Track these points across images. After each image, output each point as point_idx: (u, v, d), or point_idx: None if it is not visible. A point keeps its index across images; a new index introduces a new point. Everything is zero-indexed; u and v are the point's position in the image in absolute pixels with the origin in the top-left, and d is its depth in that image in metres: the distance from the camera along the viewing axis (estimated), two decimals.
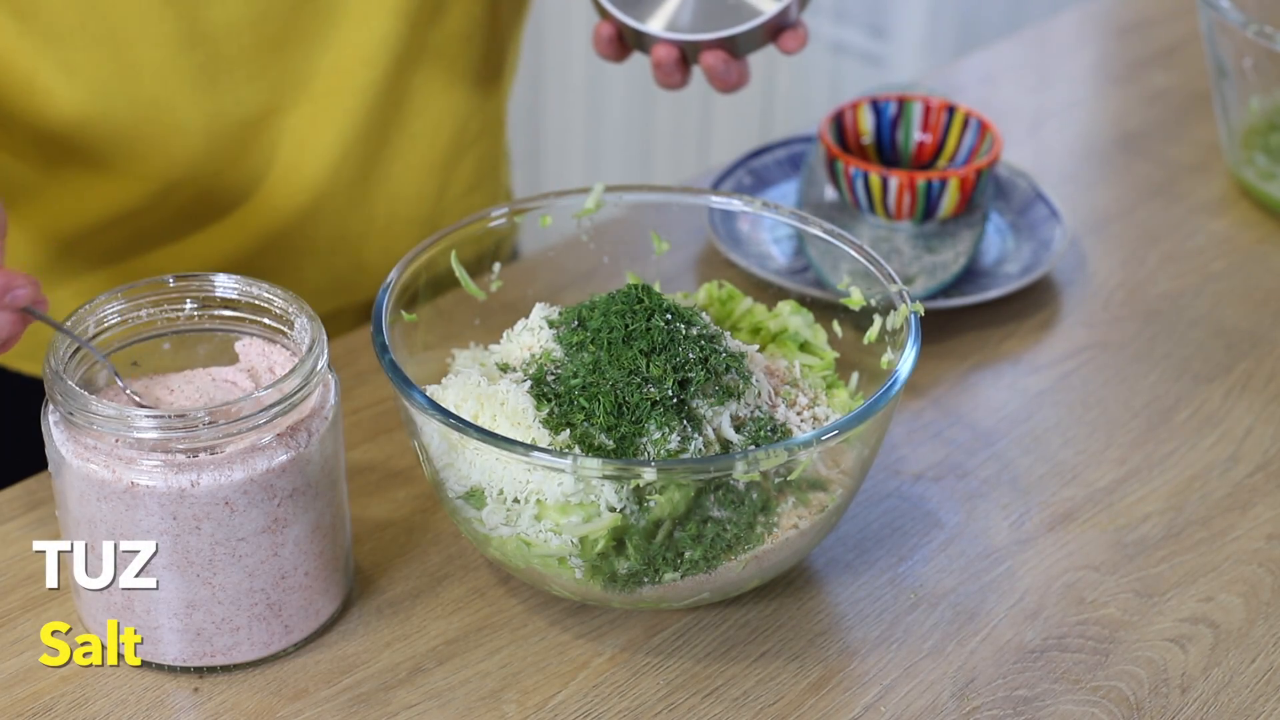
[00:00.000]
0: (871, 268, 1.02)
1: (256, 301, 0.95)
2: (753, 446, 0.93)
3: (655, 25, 1.09)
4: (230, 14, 1.10)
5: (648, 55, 1.12)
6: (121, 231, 1.17)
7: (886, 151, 1.32)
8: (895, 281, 1.00)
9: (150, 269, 1.19)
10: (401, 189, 1.23)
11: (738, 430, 0.94)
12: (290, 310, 0.94)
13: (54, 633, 0.95)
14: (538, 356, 0.96)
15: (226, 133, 1.14)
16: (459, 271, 1.03)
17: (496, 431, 0.91)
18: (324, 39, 1.14)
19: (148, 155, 1.13)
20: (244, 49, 1.12)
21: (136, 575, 0.90)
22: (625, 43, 1.13)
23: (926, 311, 1.20)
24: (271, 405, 0.88)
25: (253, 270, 1.20)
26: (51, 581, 0.98)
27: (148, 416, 0.87)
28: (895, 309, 1.00)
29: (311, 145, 1.17)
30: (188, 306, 0.95)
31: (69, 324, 0.92)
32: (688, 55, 1.11)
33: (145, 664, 0.94)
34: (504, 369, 0.98)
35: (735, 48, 1.10)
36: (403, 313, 1.00)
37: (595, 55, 1.15)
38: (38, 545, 1.00)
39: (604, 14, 1.11)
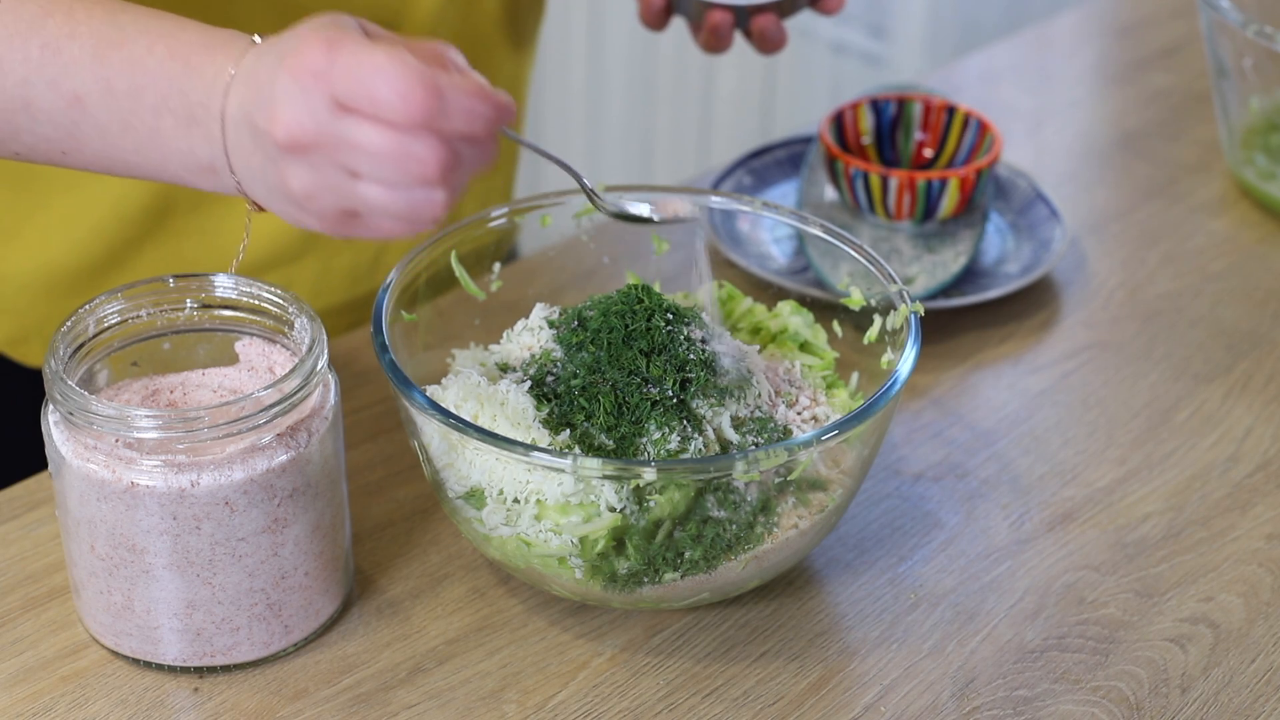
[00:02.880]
0: (871, 268, 1.02)
1: (256, 301, 0.95)
2: (753, 446, 0.93)
3: None
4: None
5: (691, 22, 1.18)
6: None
7: (886, 151, 1.32)
8: (895, 281, 1.00)
9: (203, 244, 1.17)
10: None
11: (738, 430, 0.94)
12: (290, 310, 0.94)
13: (54, 633, 0.95)
14: (538, 356, 0.96)
15: None
16: (459, 271, 1.03)
17: (496, 431, 0.91)
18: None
19: None
20: None
21: (136, 575, 0.90)
22: (670, 11, 1.19)
23: (926, 311, 1.20)
24: (271, 405, 0.88)
25: (282, 259, 1.20)
26: (52, 581, 0.98)
27: (148, 416, 0.87)
28: (895, 309, 1.00)
29: None
30: (188, 306, 0.95)
31: (68, 325, 0.92)
32: (739, 19, 1.17)
33: (145, 664, 0.94)
34: (504, 369, 0.98)
35: (784, 10, 1.17)
36: (403, 313, 1.00)
37: (595, 55, 1.17)
38: (38, 545, 1.00)
39: None
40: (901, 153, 1.32)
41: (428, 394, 0.93)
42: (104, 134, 0.88)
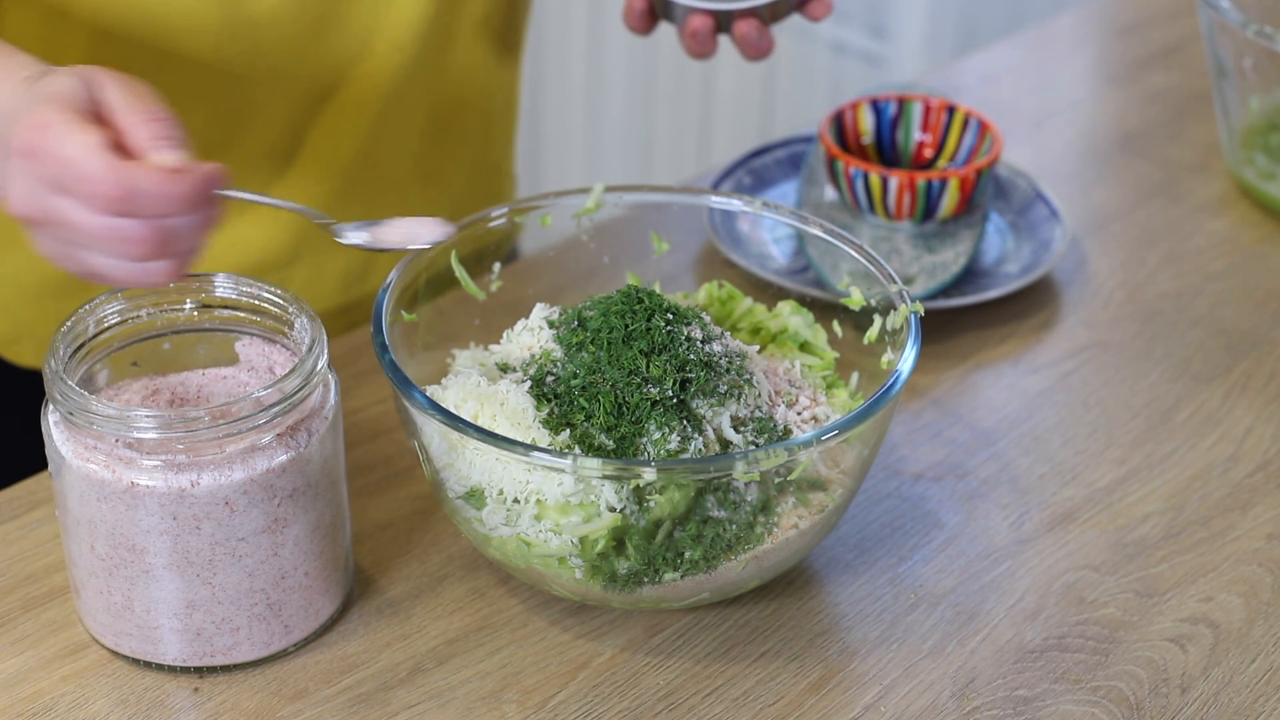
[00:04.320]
0: (871, 268, 1.02)
1: (256, 301, 0.95)
2: (753, 446, 0.93)
3: None
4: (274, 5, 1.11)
5: (676, 26, 1.16)
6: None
7: (886, 151, 1.32)
8: (895, 281, 1.00)
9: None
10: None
11: (738, 430, 0.94)
12: (290, 310, 0.94)
13: (54, 633, 0.95)
14: (538, 356, 0.96)
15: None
16: (459, 271, 1.03)
17: (496, 431, 0.91)
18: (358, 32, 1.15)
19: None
20: (283, 39, 1.12)
21: (136, 575, 0.90)
22: (654, 15, 1.17)
23: (926, 311, 1.20)
24: (271, 405, 0.88)
25: (274, 264, 1.20)
26: (52, 581, 0.98)
27: (148, 416, 0.87)
28: (895, 309, 1.00)
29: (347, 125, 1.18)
30: (188, 306, 0.95)
31: (68, 326, 0.92)
32: (720, 24, 1.15)
33: (145, 664, 0.94)
34: (504, 369, 0.98)
35: (767, 16, 1.15)
36: (403, 313, 1.00)
37: (595, 55, 1.17)
38: (38, 545, 1.00)
39: None
40: (901, 153, 1.32)
41: (428, 394, 0.93)
42: None
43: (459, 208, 1.29)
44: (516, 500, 0.91)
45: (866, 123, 1.31)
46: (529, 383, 0.94)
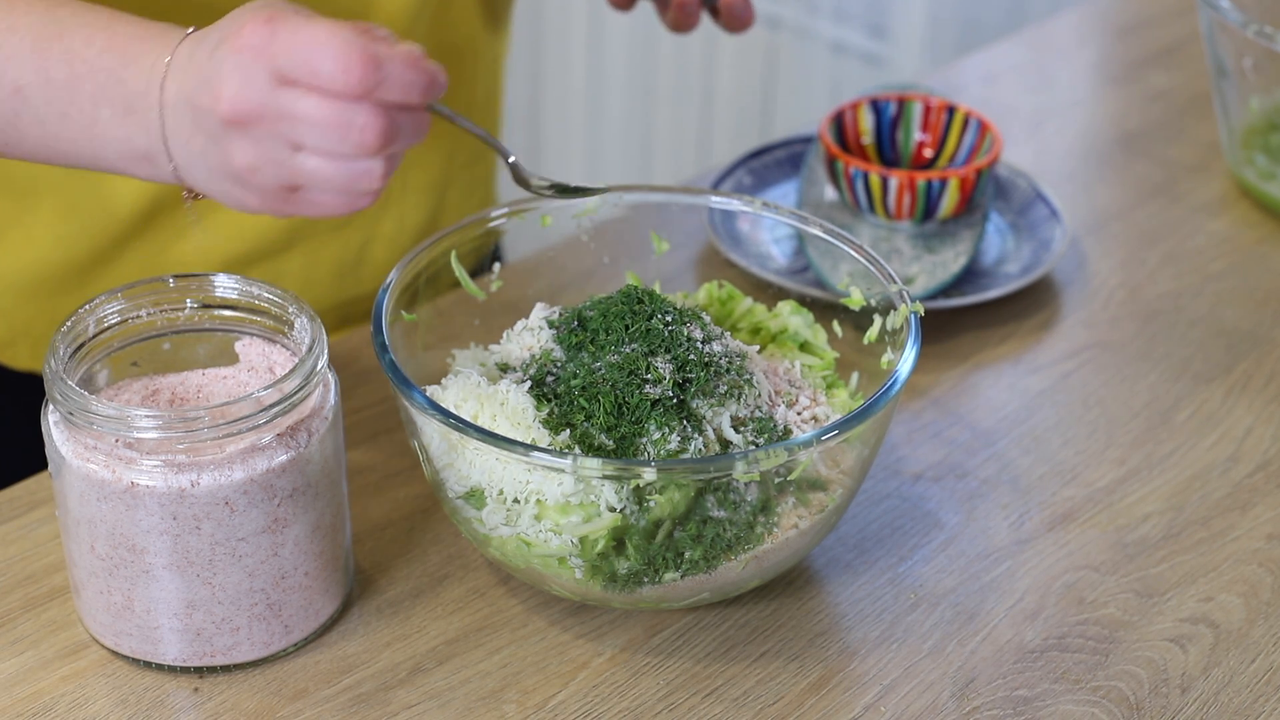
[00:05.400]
0: (871, 268, 1.02)
1: (256, 301, 0.95)
2: (753, 446, 0.93)
3: None
4: None
5: (659, 1, 1.17)
6: None
7: (886, 151, 1.32)
8: (895, 281, 1.00)
9: (190, 243, 1.17)
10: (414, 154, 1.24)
11: (738, 430, 0.94)
12: (290, 310, 0.94)
13: (54, 633, 0.95)
14: (538, 356, 0.96)
15: None
16: (459, 271, 1.03)
17: (496, 431, 0.91)
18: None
19: None
20: None
21: (136, 575, 0.90)
22: None
23: (926, 311, 1.20)
24: (271, 405, 0.88)
25: (268, 252, 1.19)
26: (52, 581, 0.98)
27: (148, 416, 0.87)
28: (895, 309, 1.00)
29: None
30: (188, 306, 0.95)
31: (68, 325, 0.92)
32: None
33: (145, 664, 0.94)
34: (504, 369, 0.98)
35: None
36: (403, 313, 1.00)
37: (595, 55, 1.17)
38: (38, 545, 1.00)
39: None
40: (901, 153, 1.32)
41: (428, 394, 0.93)
42: (43, 124, 0.90)
43: (444, 198, 1.28)
44: (516, 500, 0.91)
45: (866, 123, 1.31)
46: (529, 383, 0.94)
